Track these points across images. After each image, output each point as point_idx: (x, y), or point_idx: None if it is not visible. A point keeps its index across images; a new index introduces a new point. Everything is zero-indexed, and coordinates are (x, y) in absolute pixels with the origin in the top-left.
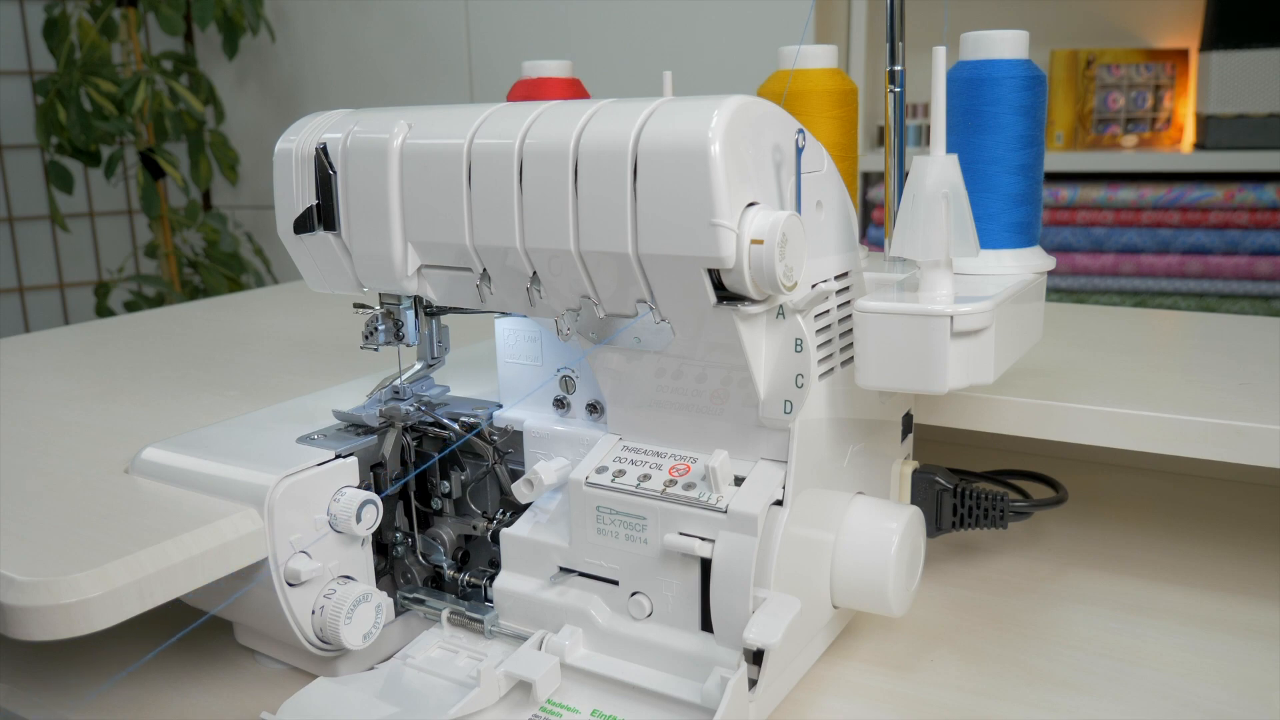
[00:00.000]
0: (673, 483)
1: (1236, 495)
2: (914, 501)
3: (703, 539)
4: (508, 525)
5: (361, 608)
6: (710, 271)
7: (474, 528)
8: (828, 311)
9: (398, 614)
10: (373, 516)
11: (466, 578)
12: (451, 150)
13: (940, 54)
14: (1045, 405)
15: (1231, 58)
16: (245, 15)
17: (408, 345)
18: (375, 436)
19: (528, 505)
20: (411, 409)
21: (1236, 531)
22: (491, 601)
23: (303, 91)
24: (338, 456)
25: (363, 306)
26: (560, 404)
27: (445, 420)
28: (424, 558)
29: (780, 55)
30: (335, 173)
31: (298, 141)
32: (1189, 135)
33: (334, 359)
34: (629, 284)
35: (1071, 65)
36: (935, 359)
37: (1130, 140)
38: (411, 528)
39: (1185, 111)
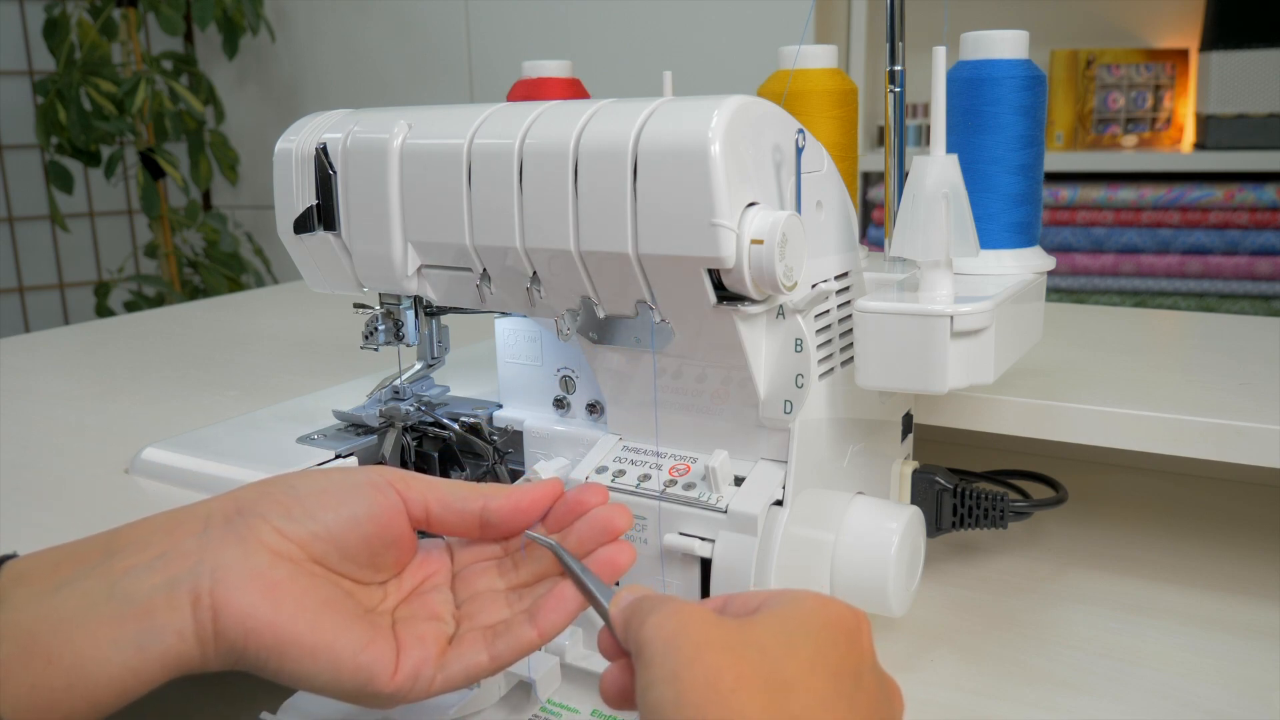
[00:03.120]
0: (673, 483)
1: (1236, 495)
2: (914, 501)
3: (703, 539)
4: None
5: None
6: (710, 271)
7: None
8: (828, 311)
9: None
10: None
11: None
12: (451, 150)
13: (940, 54)
14: (1045, 405)
15: (1231, 58)
16: (245, 15)
17: (408, 345)
18: (375, 436)
19: None
20: (411, 409)
21: (1236, 531)
22: None
23: (303, 91)
24: (338, 456)
25: (363, 306)
26: (560, 404)
27: (445, 420)
28: None
29: (780, 55)
30: (335, 173)
31: (298, 141)
32: (1189, 135)
33: (334, 359)
34: (629, 284)
35: (1071, 65)
36: (935, 359)
37: (1130, 140)
38: None
39: (1185, 111)
